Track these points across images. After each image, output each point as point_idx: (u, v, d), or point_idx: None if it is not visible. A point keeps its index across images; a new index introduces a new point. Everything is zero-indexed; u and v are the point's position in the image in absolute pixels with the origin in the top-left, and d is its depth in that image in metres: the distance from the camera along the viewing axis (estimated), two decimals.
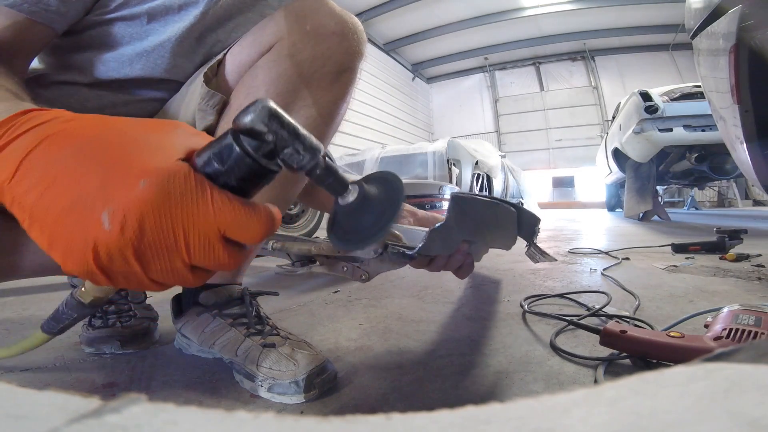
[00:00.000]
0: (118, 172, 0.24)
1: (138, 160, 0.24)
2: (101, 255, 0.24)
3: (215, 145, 0.26)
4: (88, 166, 0.24)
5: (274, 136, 0.25)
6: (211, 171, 0.26)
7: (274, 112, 0.25)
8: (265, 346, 0.55)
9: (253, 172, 0.26)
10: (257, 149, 0.25)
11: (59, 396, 0.12)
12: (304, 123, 0.54)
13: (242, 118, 0.25)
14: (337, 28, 0.53)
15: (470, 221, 0.55)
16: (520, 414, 0.11)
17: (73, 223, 0.24)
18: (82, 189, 0.23)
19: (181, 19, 0.57)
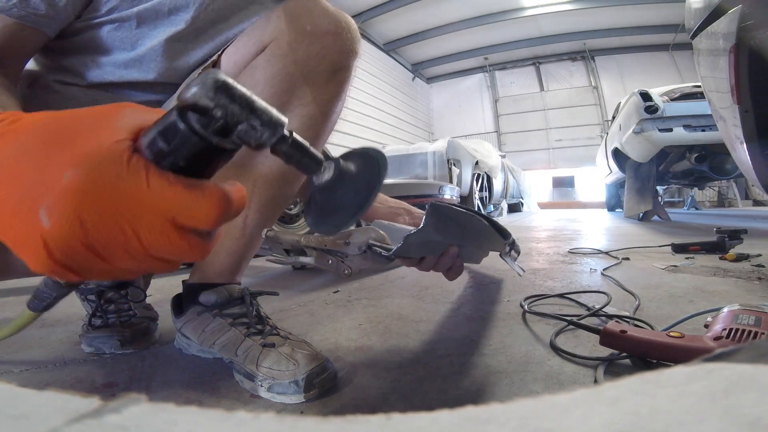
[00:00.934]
0: (53, 163, 0.22)
1: (72, 148, 0.22)
2: (54, 253, 0.22)
3: (160, 123, 0.23)
4: (28, 161, 0.23)
5: (223, 110, 0.22)
6: (155, 151, 0.23)
7: (221, 83, 0.22)
8: (265, 346, 0.55)
9: (203, 150, 0.23)
10: (205, 126, 0.23)
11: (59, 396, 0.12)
12: (300, 122, 0.54)
13: (186, 92, 0.22)
14: (331, 27, 0.53)
15: (452, 226, 0.56)
16: (520, 414, 0.11)
17: (20, 223, 0.22)
18: (24, 185, 0.22)
19: (171, 24, 0.57)
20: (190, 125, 0.22)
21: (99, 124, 0.24)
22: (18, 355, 0.69)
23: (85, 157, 0.22)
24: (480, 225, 0.64)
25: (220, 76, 0.22)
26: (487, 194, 5.51)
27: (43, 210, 0.22)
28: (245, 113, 0.23)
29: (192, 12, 0.57)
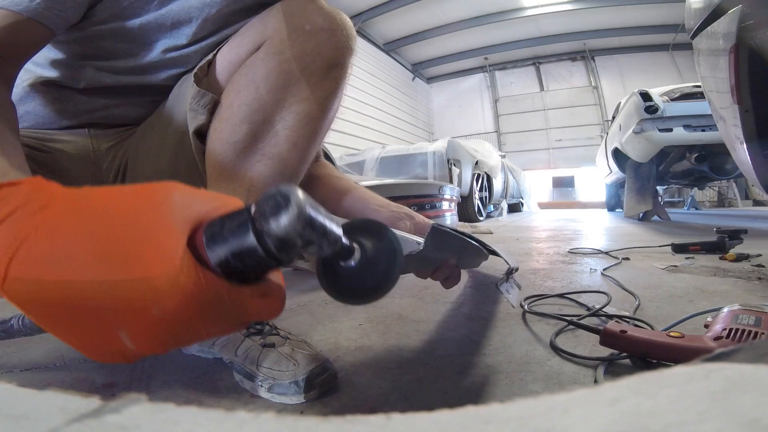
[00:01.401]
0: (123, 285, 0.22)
1: (142, 261, 0.22)
2: (130, 359, 0.24)
3: (233, 242, 0.23)
4: (88, 266, 0.22)
5: (305, 241, 0.23)
6: (228, 271, 0.24)
7: (308, 219, 0.23)
8: (265, 346, 0.55)
9: (272, 266, 0.25)
10: (281, 251, 0.23)
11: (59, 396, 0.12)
12: (297, 119, 0.54)
13: (273, 222, 0.22)
14: (325, 25, 0.53)
15: (448, 249, 0.55)
16: (520, 414, 0.11)
17: (94, 337, 0.23)
18: (90, 296, 0.22)
19: (173, 37, 0.57)
20: (269, 251, 0.23)
21: (160, 226, 0.23)
22: (18, 355, 0.69)
23: (156, 289, 0.22)
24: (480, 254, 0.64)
25: (308, 211, 0.23)
26: (487, 194, 5.50)
27: (124, 335, 0.22)
28: (320, 238, 0.24)
29: (194, 27, 0.57)
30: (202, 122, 0.55)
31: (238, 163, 0.54)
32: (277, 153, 0.54)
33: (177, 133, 0.60)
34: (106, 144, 0.65)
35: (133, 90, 0.62)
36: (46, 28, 0.46)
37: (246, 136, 0.53)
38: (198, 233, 0.24)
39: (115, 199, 0.24)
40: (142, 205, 0.24)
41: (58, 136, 0.62)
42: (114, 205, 0.24)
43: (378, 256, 0.31)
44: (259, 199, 0.23)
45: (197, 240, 0.24)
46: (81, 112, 0.61)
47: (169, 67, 0.60)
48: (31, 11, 0.43)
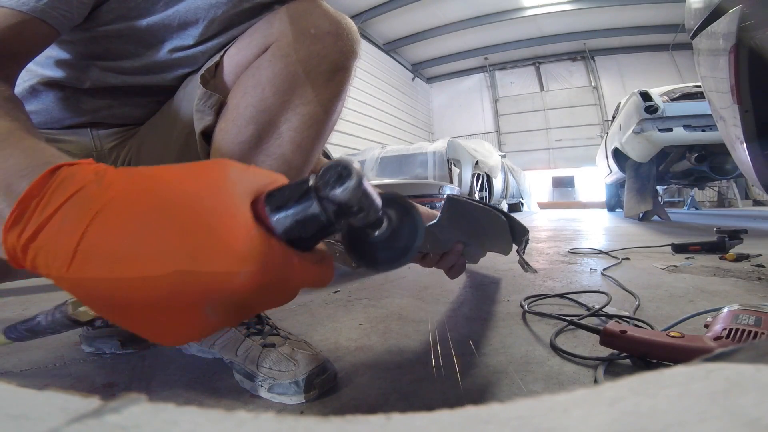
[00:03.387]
0: (206, 257, 0.22)
1: (222, 240, 0.23)
2: (206, 333, 0.25)
3: (298, 210, 0.25)
4: (165, 249, 0.22)
5: (360, 208, 0.26)
6: (292, 237, 0.26)
7: (365, 188, 0.25)
8: (265, 346, 0.55)
9: (329, 233, 0.27)
10: (339, 216, 0.25)
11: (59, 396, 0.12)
12: (302, 120, 0.54)
13: (338, 189, 0.24)
14: (331, 28, 0.54)
15: (463, 223, 0.56)
16: (520, 414, 0.11)
17: (172, 317, 0.23)
18: (170, 279, 0.22)
19: (180, 38, 0.57)
20: (329, 217, 0.25)
21: (227, 200, 0.24)
22: (18, 356, 0.69)
23: (250, 258, 0.23)
24: (497, 221, 0.64)
25: (365, 182, 0.25)
26: (487, 194, 5.51)
27: (209, 308, 0.23)
28: (369, 207, 0.26)
29: (201, 28, 0.57)
30: (209, 123, 0.55)
31: (244, 163, 0.54)
32: (281, 154, 0.54)
33: (182, 133, 0.60)
34: (108, 144, 0.65)
35: (137, 90, 0.62)
36: (51, 28, 0.46)
37: (252, 137, 0.54)
38: (260, 204, 0.26)
39: (176, 176, 0.24)
40: (206, 181, 0.24)
41: (61, 136, 0.62)
42: (177, 181, 0.24)
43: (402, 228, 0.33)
44: (321, 170, 0.25)
45: (261, 210, 0.25)
46: (84, 111, 0.61)
47: (175, 68, 0.60)
48: (36, 11, 0.43)
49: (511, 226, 0.68)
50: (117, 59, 0.57)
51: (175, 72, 0.61)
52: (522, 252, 0.73)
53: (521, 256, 0.72)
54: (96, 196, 0.23)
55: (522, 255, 0.72)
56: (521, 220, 0.72)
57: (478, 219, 0.59)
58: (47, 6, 0.44)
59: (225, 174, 0.25)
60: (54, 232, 0.22)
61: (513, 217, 0.69)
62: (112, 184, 0.23)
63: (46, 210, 0.23)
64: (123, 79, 0.59)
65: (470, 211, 0.56)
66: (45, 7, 0.44)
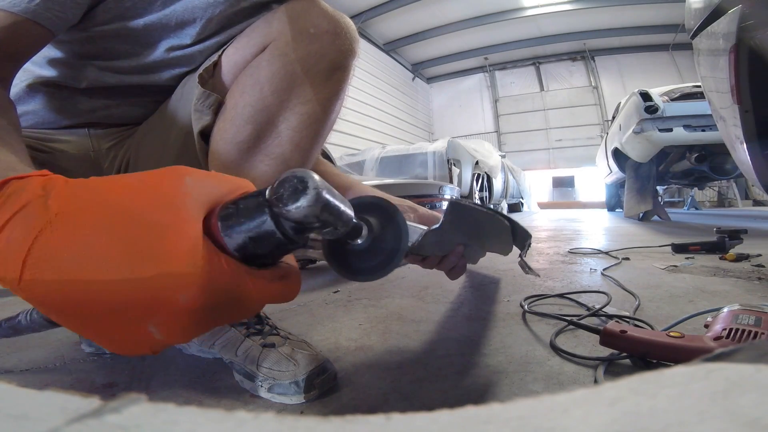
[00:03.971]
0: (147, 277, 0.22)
1: (163, 259, 0.22)
2: (156, 350, 0.25)
3: (250, 226, 0.24)
4: (108, 267, 0.22)
5: (322, 224, 0.24)
6: (247, 254, 0.24)
7: (325, 202, 0.23)
8: (265, 346, 0.55)
9: (289, 249, 0.25)
10: (299, 232, 0.24)
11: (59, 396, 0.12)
12: (300, 120, 0.54)
13: (291, 206, 0.22)
14: (329, 27, 0.53)
15: (465, 226, 0.56)
16: (520, 414, 0.11)
17: (120, 332, 0.23)
18: (116, 294, 0.22)
19: (178, 37, 0.57)
20: (286, 234, 0.24)
21: (168, 214, 0.23)
22: (18, 355, 0.69)
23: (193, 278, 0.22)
24: (501, 226, 0.64)
25: (324, 195, 0.23)
26: (487, 194, 5.51)
27: (153, 327, 0.23)
28: (334, 221, 0.25)
29: (198, 28, 0.57)
30: (207, 122, 0.55)
31: (242, 163, 0.54)
32: (280, 153, 0.54)
33: (181, 133, 0.60)
34: (106, 144, 0.65)
35: (135, 90, 0.62)
36: (45, 29, 0.45)
37: (250, 137, 0.54)
38: (213, 218, 0.24)
39: (126, 189, 0.24)
40: (156, 194, 0.24)
41: (58, 136, 0.62)
42: (126, 195, 0.24)
43: (384, 234, 0.32)
44: (275, 183, 0.23)
45: (213, 225, 0.24)
46: (81, 111, 0.61)
47: (172, 67, 0.60)
48: (29, 12, 0.43)
49: (513, 231, 0.68)
50: (114, 59, 0.57)
51: (173, 71, 0.61)
52: (524, 255, 0.73)
53: (523, 260, 0.72)
54: (40, 213, 0.23)
55: (524, 258, 0.73)
56: (521, 221, 0.72)
57: (480, 223, 0.59)
58: (39, 7, 0.43)
59: (177, 185, 0.24)
60: (2, 246, 0.22)
61: (516, 222, 0.69)
62: (58, 198, 0.23)
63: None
64: (120, 79, 0.59)
65: (473, 216, 0.56)
66: (37, 8, 0.43)
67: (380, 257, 0.31)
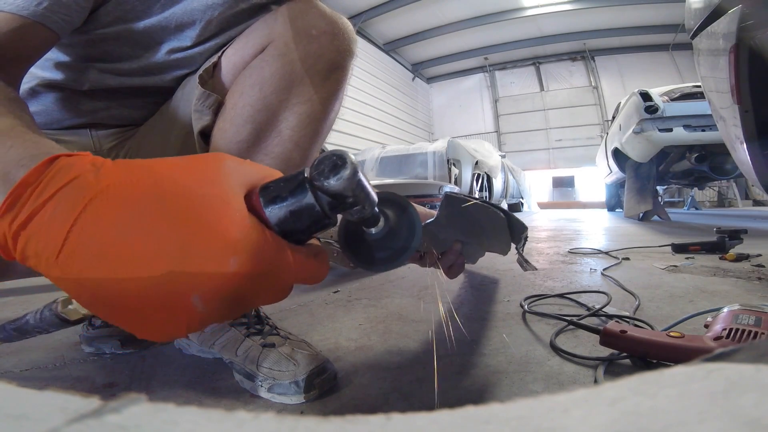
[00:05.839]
0: (198, 245, 0.22)
1: (213, 228, 0.22)
2: (194, 329, 0.24)
3: (292, 201, 0.25)
4: (156, 237, 0.22)
5: (355, 199, 0.25)
6: (286, 229, 0.26)
7: (359, 179, 0.25)
8: (265, 346, 0.55)
9: (323, 225, 0.27)
10: (334, 208, 0.26)
11: (59, 396, 0.12)
12: (300, 119, 0.55)
13: (332, 179, 0.24)
14: (327, 28, 0.54)
15: (462, 221, 0.56)
16: (520, 414, 0.11)
17: (160, 309, 0.22)
18: (160, 266, 0.21)
19: (178, 39, 0.58)
20: (324, 208, 0.25)
21: (221, 191, 0.24)
22: (18, 356, 0.69)
23: (241, 247, 0.23)
24: (496, 218, 0.64)
25: (359, 173, 0.25)
26: (487, 194, 5.51)
27: (197, 297, 0.22)
28: (364, 199, 0.26)
29: (198, 30, 0.57)
30: (207, 122, 0.55)
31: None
32: (280, 152, 0.55)
33: (181, 133, 0.60)
34: (107, 144, 0.65)
35: (136, 91, 0.62)
36: (51, 32, 0.46)
37: (250, 136, 0.54)
38: (254, 196, 0.26)
39: (174, 167, 0.24)
40: (202, 171, 0.25)
41: (60, 136, 0.62)
42: (171, 174, 0.24)
43: (399, 226, 0.33)
44: (317, 160, 0.25)
45: (255, 201, 0.25)
46: (83, 112, 0.61)
47: (173, 69, 0.60)
48: (36, 15, 0.43)
49: (509, 223, 0.68)
50: (115, 61, 0.57)
51: (173, 73, 0.61)
52: (521, 249, 0.73)
53: (520, 254, 0.72)
54: (91, 184, 0.23)
55: (521, 252, 0.72)
56: (522, 218, 0.72)
57: (476, 216, 0.59)
58: (47, 10, 0.44)
59: (220, 166, 0.25)
60: (46, 219, 0.22)
61: (511, 214, 0.69)
62: (108, 174, 0.23)
63: (41, 197, 0.22)
64: (121, 81, 0.59)
65: (468, 209, 0.56)
66: (45, 12, 0.44)
67: (393, 249, 0.33)
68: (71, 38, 0.53)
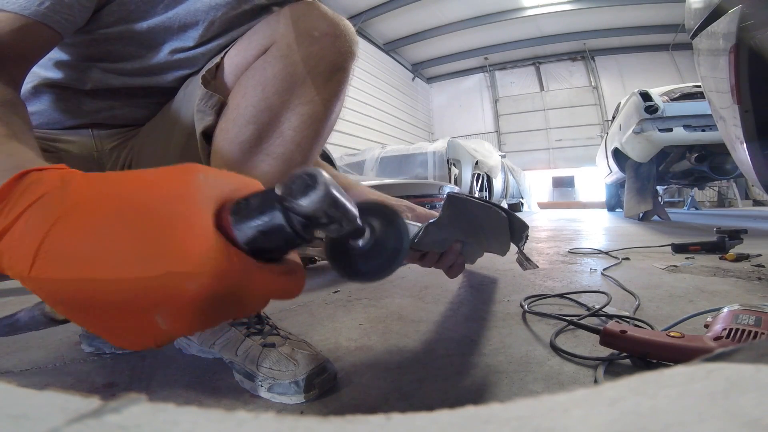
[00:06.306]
0: (159, 265, 0.22)
1: (176, 248, 0.23)
2: (160, 343, 0.25)
3: (261, 221, 0.24)
4: (121, 255, 0.22)
5: (329, 219, 0.25)
6: (255, 248, 0.25)
7: (333, 198, 0.24)
8: (265, 345, 0.55)
9: (296, 245, 0.26)
10: (306, 228, 0.25)
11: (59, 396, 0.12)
12: (301, 120, 0.55)
13: (302, 200, 0.23)
14: (329, 30, 0.54)
15: (463, 221, 0.56)
16: (520, 414, 0.11)
17: (125, 322, 0.23)
18: (124, 283, 0.22)
19: (181, 39, 0.58)
20: (295, 229, 0.24)
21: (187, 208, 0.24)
22: (18, 356, 0.69)
23: (204, 269, 0.22)
24: (497, 218, 0.64)
25: (333, 191, 0.24)
26: (487, 194, 5.51)
27: (160, 317, 0.23)
28: (341, 217, 0.25)
29: (201, 30, 0.57)
30: (210, 123, 0.56)
31: (244, 162, 0.55)
32: (281, 153, 0.55)
33: (183, 134, 0.60)
34: (109, 144, 0.65)
35: (138, 91, 0.62)
36: (54, 32, 0.46)
37: (252, 136, 0.54)
38: (224, 213, 0.25)
39: (141, 182, 0.25)
40: (169, 187, 0.24)
41: (62, 136, 0.62)
42: (141, 188, 0.24)
43: (386, 236, 0.32)
44: (286, 179, 0.24)
45: (224, 219, 0.25)
46: (85, 112, 0.62)
47: (175, 69, 0.61)
48: (39, 15, 0.44)
49: (510, 222, 0.68)
50: (118, 61, 0.58)
51: (176, 73, 0.61)
52: (522, 248, 0.73)
53: (521, 252, 0.72)
54: (58, 202, 0.23)
55: (522, 251, 0.73)
56: (522, 218, 0.72)
57: (478, 216, 0.59)
58: (49, 10, 0.44)
59: (191, 180, 0.25)
60: (17, 236, 0.23)
61: (512, 213, 0.69)
62: (76, 190, 0.24)
63: (11, 214, 0.23)
64: (124, 81, 0.60)
65: (470, 209, 0.56)
66: (47, 11, 0.44)
67: (381, 259, 0.32)
68: (74, 38, 0.53)
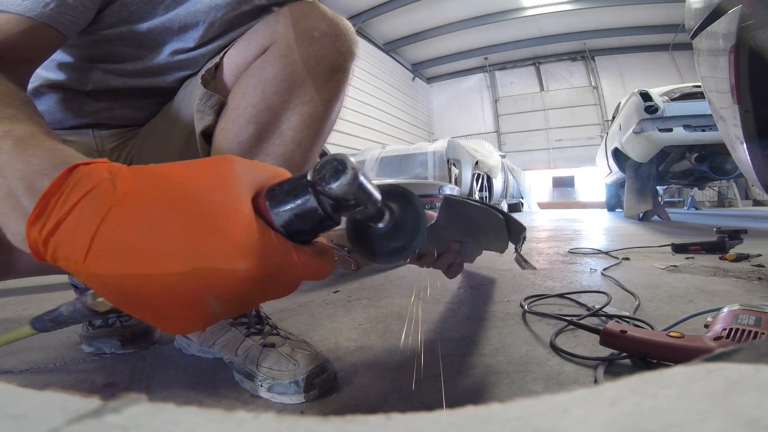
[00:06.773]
0: (209, 251, 0.24)
1: (224, 234, 0.24)
2: (210, 323, 0.26)
3: (296, 204, 0.26)
4: (172, 242, 0.24)
5: (357, 201, 0.27)
6: (291, 231, 0.27)
7: (360, 182, 0.26)
8: (265, 346, 0.55)
9: (327, 226, 0.28)
10: (336, 209, 0.27)
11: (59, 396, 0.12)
12: (301, 120, 0.55)
13: (333, 183, 0.25)
14: (329, 30, 0.54)
15: (461, 222, 0.56)
16: (520, 414, 0.11)
17: (178, 307, 0.25)
18: (176, 268, 0.24)
19: (181, 40, 0.58)
20: (327, 211, 0.27)
21: (230, 196, 0.26)
22: (18, 356, 0.69)
23: (250, 251, 0.24)
24: (495, 220, 0.65)
25: (360, 178, 0.26)
26: (487, 194, 5.51)
27: (212, 298, 0.25)
28: (367, 200, 0.28)
29: (201, 31, 0.58)
30: (209, 123, 0.56)
31: None
32: (281, 153, 0.55)
33: (183, 134, 0.60)
34: (110, 144, 0.65)
35: (139, 92, 0.62)
36: (59, 33, 0.46)
37: (252, 136, 0.54)
38: (261, 199, 0.27)
39: (184, 172, 0.26)
40: (211, 176, 0.26)
41: (64, 136, 0.62)
42: (184, 177, 0.26)
43: (405, 217, 0.34)
44: (317, 165, 0.26)
45: (261, 204, 0.27)
46: (86, 113, 0.62)
47: (176, 70, 0.61)
48: (44, 16, 0.44)
49: (507, 224, 0.68)
50: (119, 62, 0.58)
51: (176, 74, 0.61)
52: (519, 249, 0.73)
53: (519, 254, 0.73)
54: (109, 193, 0.24)
55: (519, 252, 0.73)
56: (520, 220, 0.72)
57: (475, 218, 0.59)
58: (54, 12, 0.44)
59: (228, 170, 0.27)
60: (71, 227, 0.24)
61: (510, 215, 0.70)
62: (124, 183, 0.25)
63: (65, 207, 0.24)
64: (124, 82, 0.60)
65: (468, 211, 0.56)
66: (52, 13, 0.44)
67: (402, 239, 0.34)
68: (75, 39, 0.53)
